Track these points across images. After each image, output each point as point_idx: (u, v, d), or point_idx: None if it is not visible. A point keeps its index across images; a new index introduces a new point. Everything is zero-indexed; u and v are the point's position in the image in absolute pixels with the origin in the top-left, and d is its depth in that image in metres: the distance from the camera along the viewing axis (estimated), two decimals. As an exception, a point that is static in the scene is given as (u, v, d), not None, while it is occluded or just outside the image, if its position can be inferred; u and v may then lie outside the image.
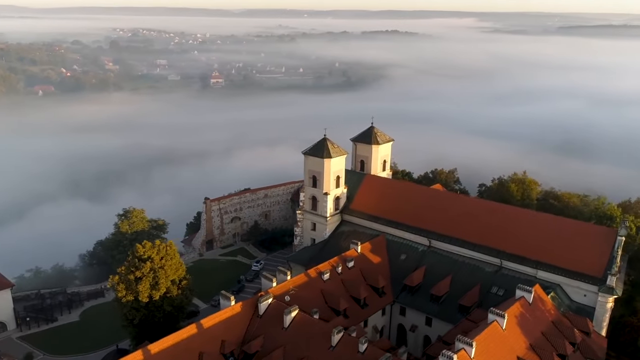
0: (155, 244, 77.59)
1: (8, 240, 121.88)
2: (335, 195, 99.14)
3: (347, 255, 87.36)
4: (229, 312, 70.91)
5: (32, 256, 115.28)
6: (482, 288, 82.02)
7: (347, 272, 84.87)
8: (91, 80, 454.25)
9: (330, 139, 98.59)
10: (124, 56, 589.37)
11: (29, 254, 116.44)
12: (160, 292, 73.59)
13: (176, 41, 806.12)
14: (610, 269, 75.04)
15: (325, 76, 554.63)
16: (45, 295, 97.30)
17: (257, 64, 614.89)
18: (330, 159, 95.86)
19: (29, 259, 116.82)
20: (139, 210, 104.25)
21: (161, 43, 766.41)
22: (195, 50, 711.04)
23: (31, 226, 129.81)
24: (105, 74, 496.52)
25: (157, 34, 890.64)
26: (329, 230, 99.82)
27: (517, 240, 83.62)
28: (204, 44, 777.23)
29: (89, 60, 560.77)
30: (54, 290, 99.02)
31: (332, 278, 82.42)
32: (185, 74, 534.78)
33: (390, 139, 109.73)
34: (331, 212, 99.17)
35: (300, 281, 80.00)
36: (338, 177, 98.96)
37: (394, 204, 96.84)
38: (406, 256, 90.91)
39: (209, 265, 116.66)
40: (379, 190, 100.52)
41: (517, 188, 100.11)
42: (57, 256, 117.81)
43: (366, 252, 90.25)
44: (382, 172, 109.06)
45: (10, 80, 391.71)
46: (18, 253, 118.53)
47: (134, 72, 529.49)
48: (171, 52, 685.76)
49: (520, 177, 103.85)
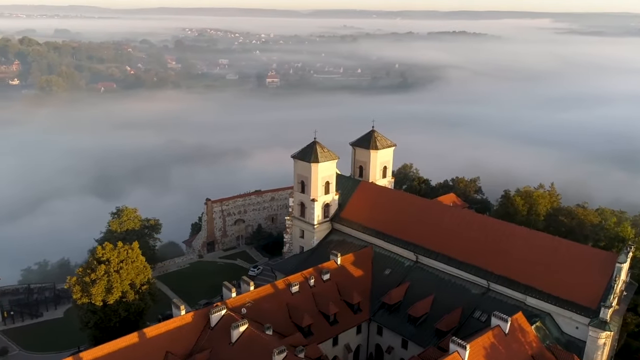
0: (117, 246, 75.80)
1: (23, 233, 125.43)
2: (324, 202, 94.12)
3: (324, 266, 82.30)
4: (178, 322, 67.71)
5: (42, 249, 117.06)
6: (464, 311, 74.72)
7: (320, 285, 79.84)
8: (152, 78, 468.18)
9: (320, 143, 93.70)
10: (186, 55, 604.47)
11: (39, 247, 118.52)
12: (115, 297, 71.48)
13: (240, 41, 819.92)
14: (605, 301, 65.98)
15: (383, 77, 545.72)
16: (34, 290, 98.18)
17: (316, 64, 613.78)
18: (318, 164, 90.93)
19: (39, 252, 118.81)
20: (131, 209, 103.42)
21: (225, 43, 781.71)
22: (257, 50, 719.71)
23: (45, 220, 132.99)
24: (166, 72, 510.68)
25: (223, 34, 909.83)
26: (317, 238, 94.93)
27: (507, 261, 75.69)
28: (266, 44, 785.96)
29: (153, 59, 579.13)
30: (43, 286, 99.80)
31: (302, 291, 77.68)
32: (243, 73, 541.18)
33: (392, 144, 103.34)
34: (319, 219, 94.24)
35: (266, 293, 75.78)
36: (327, 182, 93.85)
37: (384, 214, 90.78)
38: (391, 271, 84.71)
39: (205, 267, 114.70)
40: (371, 198, 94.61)
41: (522, 202, 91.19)
42: (65, 251, 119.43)
43: (347, 265, 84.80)
44: (381, 179, 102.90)
45: (74, 77, 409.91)
46: (30, 245, 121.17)
47: (194, 70, 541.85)
48: (234, 51, 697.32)
49: (527, 190, 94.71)
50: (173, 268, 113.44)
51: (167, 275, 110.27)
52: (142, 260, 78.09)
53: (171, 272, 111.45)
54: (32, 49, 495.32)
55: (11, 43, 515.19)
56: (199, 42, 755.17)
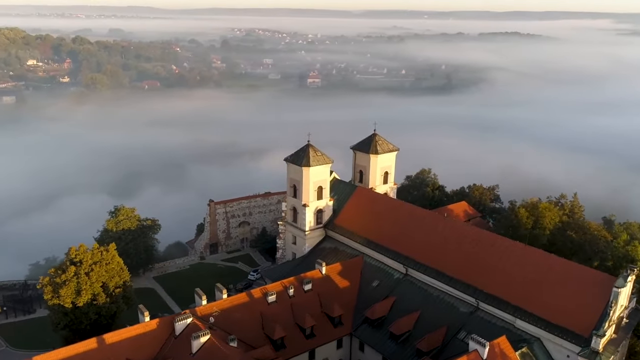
0: (93, 247, 74.55)
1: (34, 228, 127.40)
2: (316, 208, 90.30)
3: (306, 276, 78.60)
4: (142, 328, 65.56)
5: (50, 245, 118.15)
6: (449, 331, 69.45)
7: (301, 296, 76.12)
8: (195, 77, 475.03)
9: (314, 146, 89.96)
10: (231, 55, 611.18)
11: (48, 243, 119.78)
12: (85, 299, 70.10)
13: (287, 41, 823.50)
14: (598, 329, 59.44)
15: (427, 78, 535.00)
16: (30, 286, 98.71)
17: (360, 65, 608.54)
18: (309, 168, 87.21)
19: (48, 248, 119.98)
20: (129, 208, 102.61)
21: (272, 43, 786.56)
22: (303, 50, 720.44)
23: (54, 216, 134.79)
24: (210, 71, 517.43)
25: (270, 34, 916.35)
26: (309, 245, 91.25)
27: (499, 278, 69.92)
28: (311, 44, 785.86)
29: (199, 58, 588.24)
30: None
31: (280, 301, 74.23)
32: (286, 73, 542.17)
33: (394, 148, 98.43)
34: (311, 225, 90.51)
35: (240, 301, 72.81)
36: (320, 187, 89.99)
37: (377, 223, 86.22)
38: (379, 283, 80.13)
39: (205, 269, 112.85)
40: (366, 205, 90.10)
41: (527, 214, 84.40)
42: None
43: (333, 275, 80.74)
44: (382, 185, 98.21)
45: (118, 75, 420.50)
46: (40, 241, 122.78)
47: (237, 70, 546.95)
48: (279, 51, 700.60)
49: (533, 202, 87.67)
50: (172, 269, 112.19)
51: (164, 276, 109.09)
52: (119, 263, 76.64)
53: (169, 273, 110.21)
54: (84, 47, 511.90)
55: (65, 42, 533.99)
56: (246, 42, 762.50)
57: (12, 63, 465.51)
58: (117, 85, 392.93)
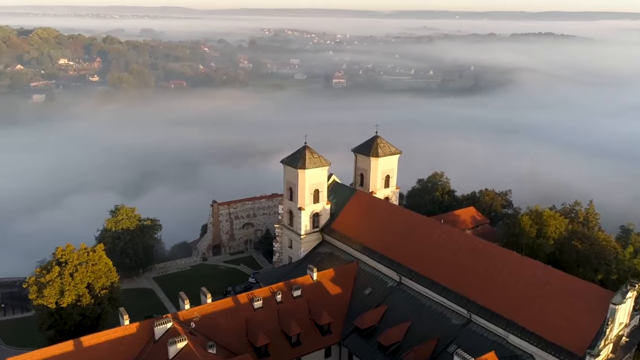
0: (80, 247, 73.88)
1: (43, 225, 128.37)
2: (312, 211, 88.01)
3: (297, 281, 76.47)
4: (120, 331, 64.35)
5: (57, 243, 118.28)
6: (439, 343, 66.41)
7: (289, 302, 74.04)
8: (221, 77, 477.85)
9: (311, 148, 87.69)
10: (259, 55, 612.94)
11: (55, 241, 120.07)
12: (68, 300, 69.39)
13: (315, 41, 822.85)
14: (593, 348, 55.67)
15: (454, 79, 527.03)
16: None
17: (387, 65, 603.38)
18: (305, 170, 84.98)
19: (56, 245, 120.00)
20: (128, 208, 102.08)
21: (300, 43, 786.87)
22: (330, 50, 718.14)
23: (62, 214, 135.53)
24: (236, 71, 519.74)
25: (299, 34, 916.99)
26: (305, 249, 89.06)
27: (493, 290, 66.61)
28: (340, 44, 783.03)
29: (226, 58, 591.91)
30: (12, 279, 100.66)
31: (267, 307, 72.26)
32: (312, 73, 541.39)
33: (396, 151, 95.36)
34: (307, 229, 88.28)
35: (225, 306, 71.07)
36: (317, 190, 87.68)
37: (374, 228, 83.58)
38: (371, 290, 77.47)
39: (206, 271, 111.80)
40: (364, 210, 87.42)
41: (530, 223, 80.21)
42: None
43: (325, 281, 78.39)
44: (383, 189, 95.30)
45: (144, 75, 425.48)
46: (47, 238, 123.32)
47: (263, 70, 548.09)
48: (307, 51, 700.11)
49: (537, 210, 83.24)
50: (173, 269, 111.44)
51: (164, 277, 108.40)
52: (108, 264, 75.81)
53: (169, 274, 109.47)
54: (113, 47, 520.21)
55: (96, 42, 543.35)
56: (274, 42, 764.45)
57: (44, 62, 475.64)
58: (143, 85, 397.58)
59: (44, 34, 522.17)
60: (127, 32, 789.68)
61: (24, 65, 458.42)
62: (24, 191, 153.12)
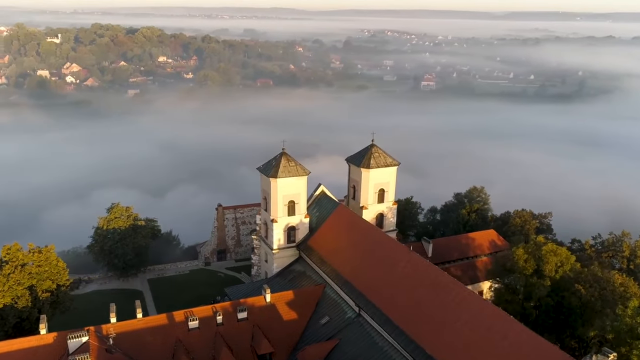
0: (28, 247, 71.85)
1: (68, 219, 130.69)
2: (287, 225, 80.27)
3: (247, 302, 69.34)
4: (35, 341, 60.86)
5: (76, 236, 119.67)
6: (378, 393, 56.34)
7: (232, 324, 67.06)
8: (308, 77, 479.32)
9: (288, 155, 79.94)
10: (351, 56, 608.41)
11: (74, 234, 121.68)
12: (4, 301, 67.34)
13: (413, 42, 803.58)
14: None
15: (556, 85, 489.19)
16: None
17: (485, 69, 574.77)
18: (277, 179, 77.45)
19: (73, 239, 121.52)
20: (122, 207, 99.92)
21: (397, 44, 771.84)
22: (428, 52, 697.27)
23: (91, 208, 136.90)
24: (325, 71, 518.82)
25: (399, 35, 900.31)
26: (278, 266, 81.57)
27: (444, 338, 55.23)
28: (438, 46, 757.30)
29: (318, 58, 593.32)
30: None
31: (203, 328, 65.83)
32: (402, 75, 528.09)
33: (393, 162, 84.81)
34: (280, 244, 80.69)
35: (157, 323, 65.61)
36: (292, 202, 79.74)
37: (345, 249, 74.53)
38: (328, 320, 68.51)
39: (203, 276, 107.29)
40: (341, 228, 78.34)
41: (525, 257, 66.18)
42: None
43: (280, 304, 70.43)
44: (376, 204, 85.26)
45: (229, 73, 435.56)
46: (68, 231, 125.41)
47: (353, 71, 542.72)
48: (403, 52, 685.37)
49: (539, 242, 68.55)
50: (170, 272, 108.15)
51: (159, 279, 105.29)
52: (59, 266, 73.23)
53: (165, 277, 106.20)
54: (210, 46, 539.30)
55: (195, 40, 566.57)
56: (370, 42, 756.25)
57: (144, 59, 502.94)
58: (227, 82, 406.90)
59: (148, 32, 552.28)
60: (230, 32, 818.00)
61: (127, 62, 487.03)
62: (59, 183, 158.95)
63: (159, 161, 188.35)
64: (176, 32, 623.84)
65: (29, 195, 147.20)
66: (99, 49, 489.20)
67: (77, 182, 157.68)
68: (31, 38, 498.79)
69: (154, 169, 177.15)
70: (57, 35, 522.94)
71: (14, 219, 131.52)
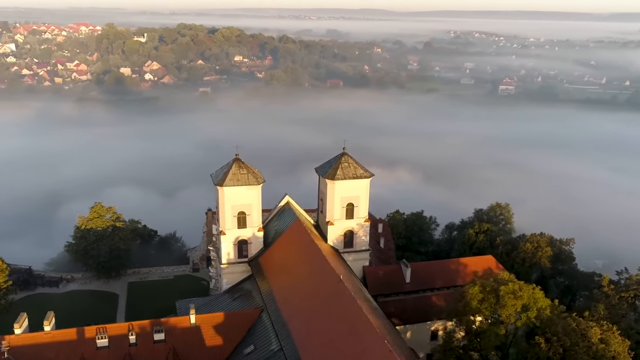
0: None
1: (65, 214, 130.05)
2: (237, 238, 73.23)
3: (168, 322, 63.15)
4: None
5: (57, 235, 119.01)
6: None
7: (146, 346, 61.08)
8: (380, 78, 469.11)
9: (242, 161, 72.91)
10: (430, 57, 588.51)
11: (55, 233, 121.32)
12: None
13: (500, 44, 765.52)
14: None
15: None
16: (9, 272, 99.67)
17: (575, 73, 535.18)
18: (223, 188, 70.62)
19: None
20: (106, 207, 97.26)
21: (482, 46, 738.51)
22: (514, 54, 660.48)
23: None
24: (398, 73, 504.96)
25: (486, 36, 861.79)
26: (227, 282, 74.81)
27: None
28: (526, 48, 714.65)
29: (395, 60, 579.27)
30: (19, 267, 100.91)
31: (114, 347, 60.36)
32: (481, 78, 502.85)
33: (364, 174, 74.96)
34: (230, 258, 73.77)
35: (65, 338, 60.82)
36: (242, 213, 72.52)
37: (287, 271, 66.39)
38: (253, 350, 60.82)
39: (186, 283, 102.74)
40: (292, 246, 70.23)
41: (480, 297, 54.12)
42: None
43: (206, 327, 63.53)
44: (344, 220, 75.91)
45: (297, 73, 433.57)
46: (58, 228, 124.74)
47: (428, 73, 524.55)
48: (487, 55, 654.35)
49: (501, 279, 55.78)
50: (154, 277, 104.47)
51: (141, 283, 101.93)
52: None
53: (147, 281, 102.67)
54: (285, 46, 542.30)
55: (272, 40, 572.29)
56: (452, 44, 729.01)
57: (221, 58, 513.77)
58: (293, 82, 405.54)
59: (227, 32, 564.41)
60: (313, 32, 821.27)
61: (204, 60, 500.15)
62: (83, 177, 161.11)
63: (189, 159, 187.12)
64: (262, 32, 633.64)
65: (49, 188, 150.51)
66: (179, 48, 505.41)
67: (95, 178, 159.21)
68: (119, 37, 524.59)
69: (181, 167, 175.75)
70: (144, 34, 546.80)
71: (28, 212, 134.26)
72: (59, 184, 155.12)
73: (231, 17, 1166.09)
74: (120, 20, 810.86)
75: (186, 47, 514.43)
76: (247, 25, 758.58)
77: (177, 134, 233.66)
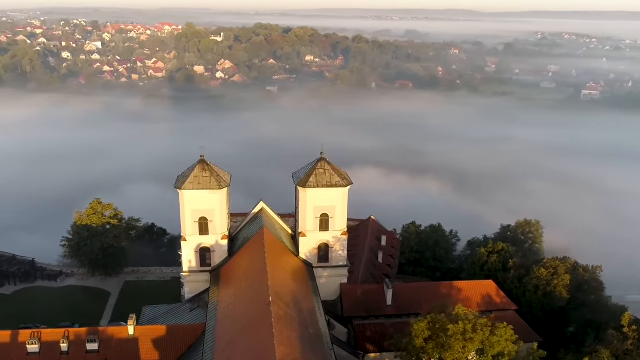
0: None
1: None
2: (198, 245, 68.42)
3: (105, 331, 59.56)
4: None
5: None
6: None
7: (77, 355, 57.80)
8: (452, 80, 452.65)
9: (208, 163, 67.92)
10: (510, 59, 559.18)
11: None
12: None
13: (591, 46, 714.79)
14: None
15: None
16: (13, 262, 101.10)
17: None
18: (183, 191, 65.94)
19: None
20: (100, 203, 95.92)
21: (571, 47, 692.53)
22: (605, 57, 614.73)
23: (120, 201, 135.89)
24: (473, 74, 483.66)
25: (576, 38, 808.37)
26: (189, 291, 70.43)
27: None
28: (619, 51, 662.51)
29: (472, 61, 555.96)
30: (24, 258, 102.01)
31: (45, 354, 57.70)
32: (563, 82, 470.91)
33: (340, 182, 67.58)
34: (191, 266, 69.07)
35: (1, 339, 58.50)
36: (204, 219, 67.52)
37: (238, 285, 60.52)
38: (187, 369, 55.54)
39: (177, 286, 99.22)
40: (253, 257, 64.14)
41: (426, 335, 44.58)
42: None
43: (145, 339, 59.32)
44: (318, 232, 69.04)
45: (363, 73, 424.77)
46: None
47: (506, 75, 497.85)
48: (576, 57, 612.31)
49: (470, 313, 46.02)
50: (151, 277, 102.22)
51: (136, 282, 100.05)
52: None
53: (142, 281, 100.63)
54: (357, 46, 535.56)
55: (345, 40, 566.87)
56: (537, 45, 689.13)
57: (291, 58, 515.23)
58: (358, 83, 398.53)
59: (300, 32, 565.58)
60: (391, 33, 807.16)
61: (276, 60, 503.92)
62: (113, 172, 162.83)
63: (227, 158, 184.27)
64: (337, 32, 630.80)
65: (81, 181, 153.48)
66: (252, 47, 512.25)
67: (123, 173, 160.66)
68: (196, 36, 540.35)
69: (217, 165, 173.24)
70: (220, 34, 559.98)
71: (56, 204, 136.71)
72: (91, 178, 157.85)
73: (312, 17, 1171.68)
74: (204, 20, 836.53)
75: (259, 46, 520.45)
76: (325, 25, 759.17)
77: (232, 132, 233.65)
